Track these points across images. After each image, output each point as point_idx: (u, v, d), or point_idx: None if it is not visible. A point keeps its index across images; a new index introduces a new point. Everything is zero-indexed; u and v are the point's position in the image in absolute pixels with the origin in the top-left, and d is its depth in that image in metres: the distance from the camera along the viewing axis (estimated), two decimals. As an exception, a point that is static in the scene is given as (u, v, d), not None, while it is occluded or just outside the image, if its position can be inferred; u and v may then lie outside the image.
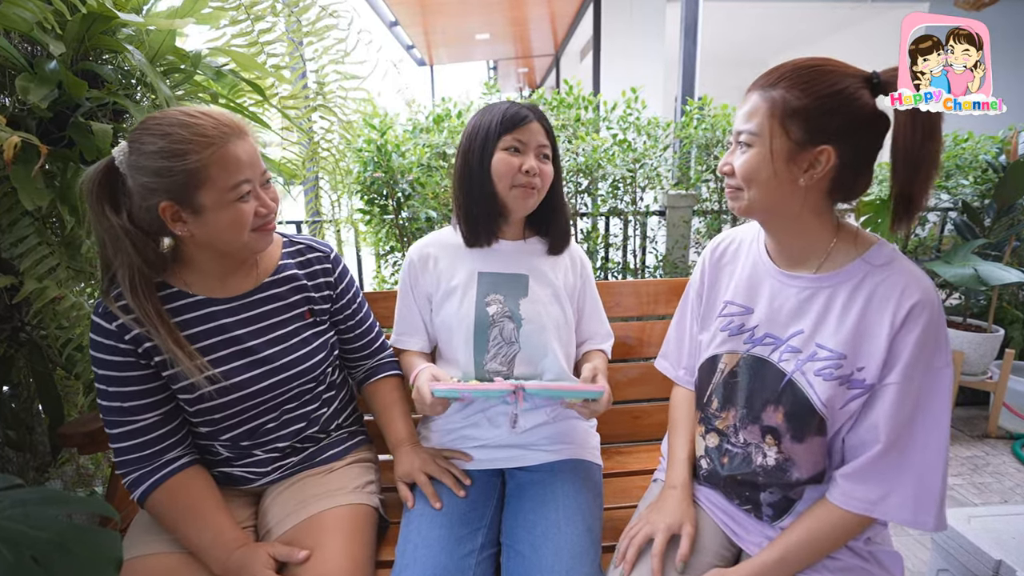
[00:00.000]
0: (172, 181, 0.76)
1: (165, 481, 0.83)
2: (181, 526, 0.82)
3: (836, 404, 0.74)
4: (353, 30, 1.38)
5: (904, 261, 0.74)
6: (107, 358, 0.81)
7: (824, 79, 0.69)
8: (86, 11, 0.91)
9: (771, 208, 0.76)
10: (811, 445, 0.76)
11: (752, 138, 0.73)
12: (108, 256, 0.80)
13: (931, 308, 0.69)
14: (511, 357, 0.97)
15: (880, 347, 0.71)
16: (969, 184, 2.53)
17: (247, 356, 0.88)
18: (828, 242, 0.77)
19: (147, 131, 0.77)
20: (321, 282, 0.99)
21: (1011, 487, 2.08)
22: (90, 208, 0.79)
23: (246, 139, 0.81)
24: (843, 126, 0.69)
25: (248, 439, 0.91)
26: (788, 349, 0.79)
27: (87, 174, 0.79)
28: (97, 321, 0.81)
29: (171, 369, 0.83)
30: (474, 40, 7.37)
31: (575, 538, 0.84)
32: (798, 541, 0.75)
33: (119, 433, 0.83)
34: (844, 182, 0.73)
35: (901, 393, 0.70)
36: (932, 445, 0.71)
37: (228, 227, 0.80)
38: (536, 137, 0.96)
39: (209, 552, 0.81)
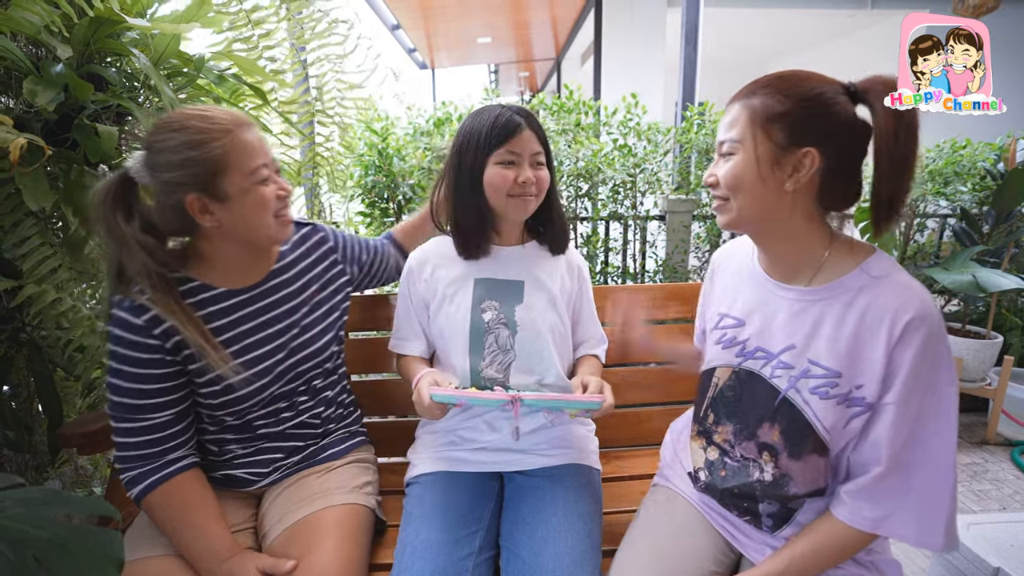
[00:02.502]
0: (197, 172, 0.78)
1: (165, 481, 0.83)
2: (177, 528, 0.82)
3: (838, 424, 0.72)
4: (353, 35, 1.39)
5: (901, 274, 0.71)
6: (130, 354, 0.80)
7: (804, 84, 0.70)
8: (93, 15, 0.92)
9: (760, 216, 0.74)
10: (809, 463, 0.74)
11: (735, 146, 0.73)
12: (123, 262, 0.81)
13: (929, 323, 0.67)
14: (507, 364, 0.97)
15: (878, 364, 0.69)
16: (968, 191, 2.54)
17: (267, 344, 0.91)
18: (821, 253, 0.76)
19: (164, 130, 0.79)
20: (328, 262, 1.02)
21: (1010, 494, 2.08)
22: (101, 218, 0.80)
23: (254, 128, 0.84)
24: (825, 129, 0.69)
25: (261, 430, 0.93)
26: (780, 364, 0.77)
27: (99, 186, 0.81)
28: (123, 316, 0.80)
29: (199, 362, 0.84)
30: (476, 44, 7.40)
31: (576, 544, 0.84)
32: (803, 554, 0.74)
33: (127, 428, 0.82)
34: (831, 188, 0.72)
35: (900, 412, 0.68)
36: (936, 465, 0.69)
37: (253, 211, 0.83)
38: (529, 146, 0.94)
39: (200, 558, 0.81)
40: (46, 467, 1.30)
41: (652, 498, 0.95)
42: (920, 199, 2.57)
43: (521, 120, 0.93)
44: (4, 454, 1.22)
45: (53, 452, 1.28)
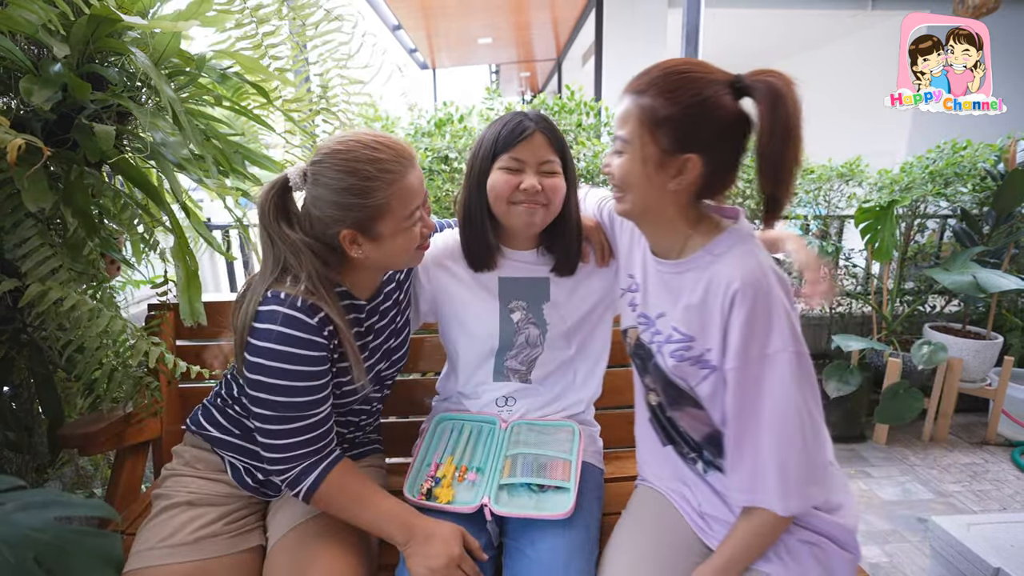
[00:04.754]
0: (358, 216, 0.79)
1: (329, 472, 0.83)
2: (354, 512, 0.84)
3: (691, 381, 0.81)
4: (357, 34, 1.39)
5: (741, 247, 0.76)
6: (304, 353, 0.79)
7: (690, 88, 0.71)
8: (91, 14, 0.91)
9: (648, 210, 0.80)
10: (689, 414, 0.84)
11: (625, 145, 0.77)
12: (290, 263, 0.81)
13: (754, 293, 0.72)
14: (533, 359, 1.01)
15: (717, 331, 0.75)
16: (968, 192, 2.54)
17: (379, 351, 0.97)
18: (688, 232, 0.81)
19: (334, 166, 0.79)
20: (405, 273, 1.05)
21: (1010, 494, 2.08)
22: (267, 227, 0.82)
23: (416, 165, 0.84)
24: (707, 136, 0.72)
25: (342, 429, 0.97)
26: (655, 330, 0.86)
27: (260, 197, 0.82)
28: (298, 316, 0.78)
29: (344, 363, 0.86)
30: (477, 44, 7.40)
31: (573, 534, 0.86)
32: (734, 544, 0.79)
33: (289, 430, 0.81)
34: (711, 185, 0.76)
35: (735, 379, 0.74)
36: (771, 431, 0.72)
37: (400, 250, 0.85)
38: (538, 152, 0.90)
39: (387, 533, 0.83)
40: (46, 468, 1.30)
41: (635, 498, 0.99)
42: (920, 200, 2.57)
43: (531, 125, 0.90)
44: (4, 455, 1.21)
45: (53, 453, 1.28)
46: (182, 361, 1.09)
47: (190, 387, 1.28)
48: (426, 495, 0.90)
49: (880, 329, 2.68)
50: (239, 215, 1.25)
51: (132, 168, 0.98)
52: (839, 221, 2.82)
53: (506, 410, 1.05)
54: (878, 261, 2.50)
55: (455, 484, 0.92)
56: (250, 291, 0.83)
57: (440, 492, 0.91)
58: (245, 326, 0.80)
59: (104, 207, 1.09)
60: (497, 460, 0.95)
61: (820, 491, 0.77)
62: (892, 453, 2.41)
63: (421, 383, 1.28)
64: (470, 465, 0.95)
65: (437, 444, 1.01)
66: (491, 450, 0.98)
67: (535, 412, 1.05)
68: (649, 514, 0.92)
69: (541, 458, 0.94)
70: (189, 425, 0.98)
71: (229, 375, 0.96)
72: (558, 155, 0.92)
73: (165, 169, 1.01)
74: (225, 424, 0.94)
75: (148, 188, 1.00)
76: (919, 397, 2.31)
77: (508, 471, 0.92)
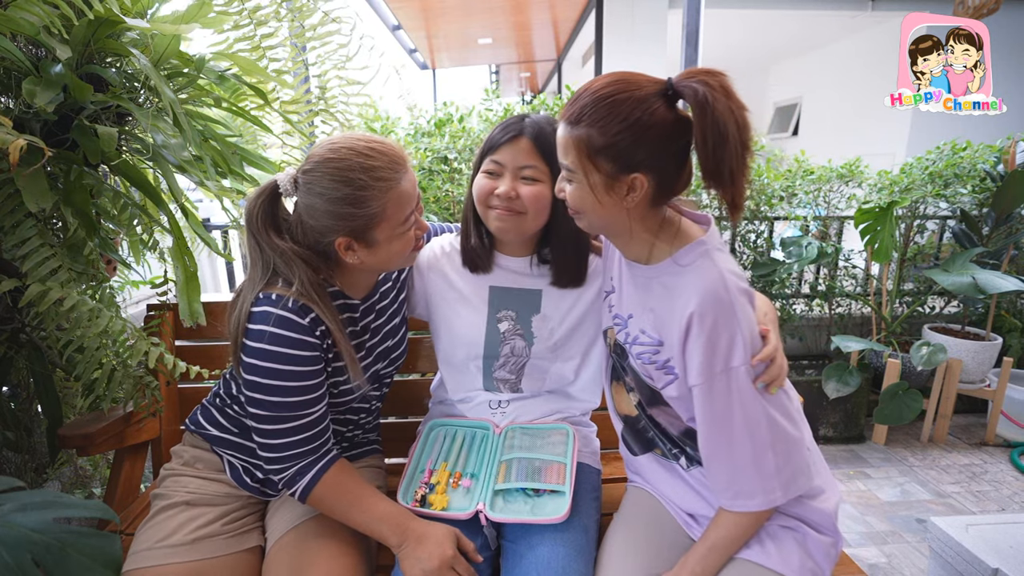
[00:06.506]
0: (354, 224, 0.79)
1: (325, 472, 0.84)
2: (348, 512, 0.84)
3: (657, 383, 0.83)
4: (356, 35, 1.39)
5: (704, 261, 0.76)
6: (297, 353, 0.80)
7: (618, 113, 0.70)
8: (92, 16, 0.92)
9: (607, 227, 0.81)
10: (663, 410, 0.86)
11: (571, 174, 0.77)
12: (279, 268, 0.82)
13: (715, 312, 0.71)
14: (520, 365, 1.00)
15: (677, 349, 0.76)
16: (967, 193, 2.54)
17: (375, 350, 0.97)
18: (652, 240, 0.81)
19: (327, 175, 0.78)
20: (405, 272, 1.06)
21: (1009, 495, 2.08)
22: (255, 235, 0.82)
23: (409, 168, 0.84)
24: (647, 153, 0.71)
25: (338, 427, 0.97)
26: (627, 331, 0.87)
27: (249, 203, 0.82)
28: (289, 316, 0.79)
29: (339, 362, 0.86)
30: (476, 44, 7.39)
31: (571, 537, 0.86)
32: (714, 543, 0.79)
33: (284, 429, 0.82)
34: (665, 191, 0.76)
35: (702, 393, 0.74)
36: (745, 437, 0.73)
37: (395, 253, 0.85)
38: (518, 158, 0.87)
39: (380, 535, 0.83)
40: (45, 468, 1.30)
41: (626, 499, 1.00)
42: (920, 201, 2.57)
43: (518, 130, 0.88)
44: (3, 455, 1.22)
45: (52, 453, 1.28)
46: (181, 361, 1.09)
47: (189, 387, 1.28)
48: (420, 502, 0.90)
49: (879, 330, 2.68)
50: (237, 216, 1.25)
51: (132, 169, 0.98)
52: (839, 222, 2.82)
53: (499, 412, 1.05)
54: (877, 262, 2.50)
55: (449, 490, 0.92)
56: (242, 295, 0.83)
57: (434, 499, 0.90)
58: (239, 328, 0.81)
59: (102, 207, 1.09)
60: (491, 465, 0.95)
61: (806, 479, 0.78)
62: (891, 454, 2.41)
63: (420, 383, 1.28)
64: (464, 471, 0.95)
65: (430, 451, 1.01)
66: (485, 455, 0.98)
67: (528, 416, 1.05)
68: (641, 515, 0.93)
69: (535, 462, 0.93)
70: (188, 425, 0.98)
71: (228, 374, 0.96)
72: (546, 162, 0.88)
73: (165, 171, 1.02)
74: (224, 423, 0.94)
75: (147, 189, 1.00)
76: (918, 398, 2.31)
77: (503, 476, 0.92)
